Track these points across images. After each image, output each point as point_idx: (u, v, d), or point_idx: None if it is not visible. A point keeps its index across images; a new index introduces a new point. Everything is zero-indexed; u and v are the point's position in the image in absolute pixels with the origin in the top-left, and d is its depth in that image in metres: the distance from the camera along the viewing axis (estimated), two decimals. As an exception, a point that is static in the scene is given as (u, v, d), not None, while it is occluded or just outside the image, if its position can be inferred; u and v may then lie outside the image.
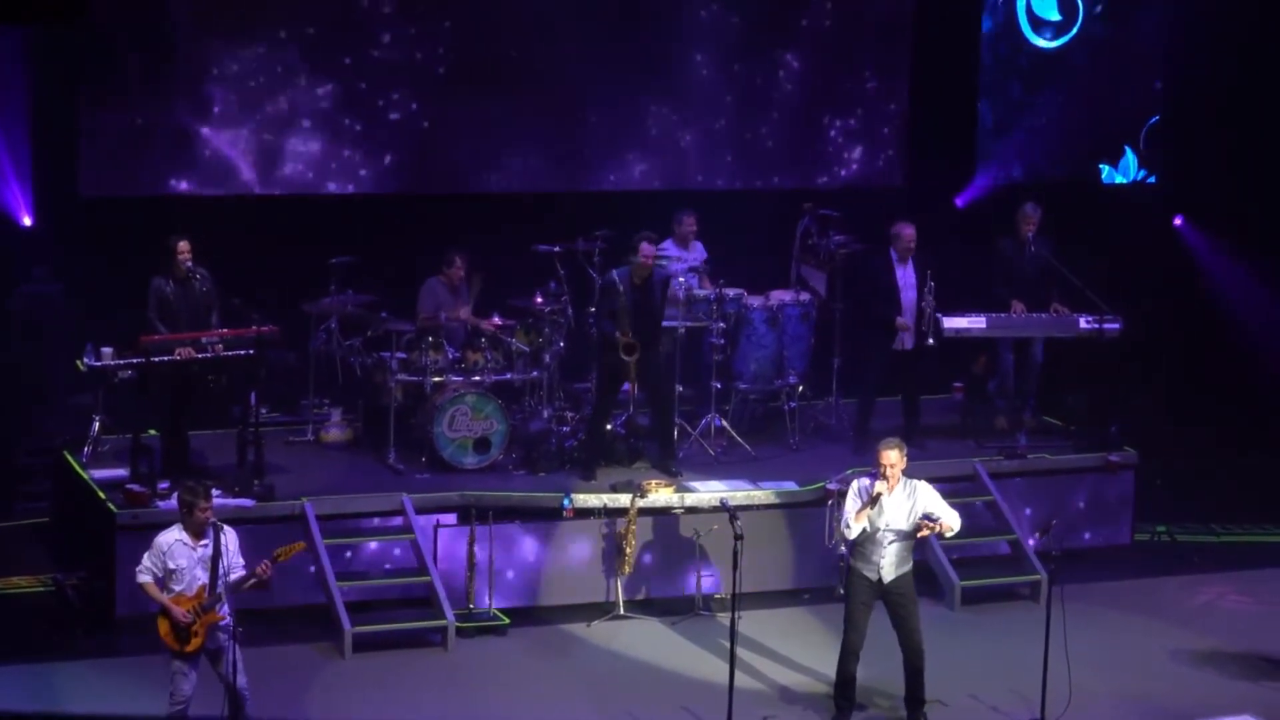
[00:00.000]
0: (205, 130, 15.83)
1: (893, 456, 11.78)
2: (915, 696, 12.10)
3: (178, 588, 10.95)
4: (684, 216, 16.08)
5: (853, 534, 11.83)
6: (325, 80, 16.12)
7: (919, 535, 11.97)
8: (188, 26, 15.61)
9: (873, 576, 11.91)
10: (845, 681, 12.12)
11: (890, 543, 11.85)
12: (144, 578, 11.03)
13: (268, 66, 15.93)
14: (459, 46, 16.44)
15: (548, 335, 15.13)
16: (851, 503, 11.87)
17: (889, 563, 11.90)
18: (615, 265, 14.86)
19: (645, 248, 14.58)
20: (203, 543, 10.99)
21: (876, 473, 11.85)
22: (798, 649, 13.38)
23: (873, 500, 11.73)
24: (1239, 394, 17.62)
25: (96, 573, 13.71)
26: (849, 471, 14.13)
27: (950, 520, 11.95)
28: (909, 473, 11.96)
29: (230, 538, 11.10)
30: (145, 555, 11.10)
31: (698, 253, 16.07)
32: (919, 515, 11.85)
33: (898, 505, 11.84)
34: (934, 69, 17.79)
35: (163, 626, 11.01)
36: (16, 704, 12.06)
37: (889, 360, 15.53)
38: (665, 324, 15.10)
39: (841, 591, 12.91)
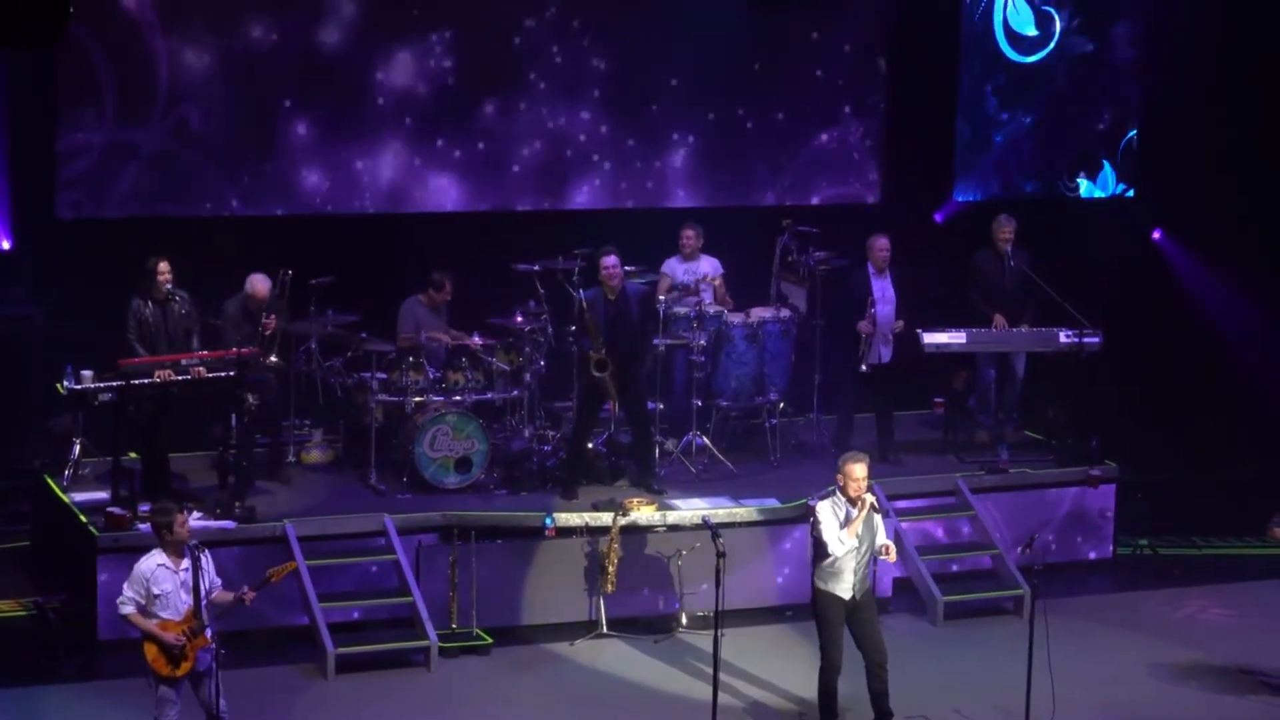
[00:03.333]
0: (184, 151, 15.83)
1: (864, 470, 11.87)
2: (883, 710, 12.11)
3: (164, 613, 10.85)
4: (685, 229, 16.06)
5: (845, 548, 11.83)
6: (303, 102, 16.14)
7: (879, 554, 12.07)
8: (164, 48, 15.61)
9: (845, 595, 11.93)
10: (830, 698, 12.13)
11: (860, 558, 11.92)
12: (127, 608, 10.94)
13: (245, 88, 15.94)
14: (439, 69, 16.47)
15: (528, 354, 15.17)
16: (831, 521, 11.87)
17: (860, 578, 11.96)
18: (592, 284, 14.91)
19: (606, 260, 14.62)
20: (184, 565, 10.94)
21: (839, 487, 11.89)
22: (780, 666, 13.40)
23: (874, 508, 11.82)
24: (1220, 406, 17.69)
25: (78, 596, 13.67)
26: (831, 488, 14.13)
27: (891, 542, 12.10)
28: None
29: (207, 558, 11.08)
30: (125, 586, 11.00)
31: (706, 267, 16.00)
32: (877, 529, 11.97)
33: (865, 520, 11.91)
34: (912, 85, 17.86)
35: (150, 652, 10.91)
36: (-2, 728, 12.11)
37: (863, 375, 15.59)
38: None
39: None
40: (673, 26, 17.02)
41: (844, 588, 11.91)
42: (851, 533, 11.77)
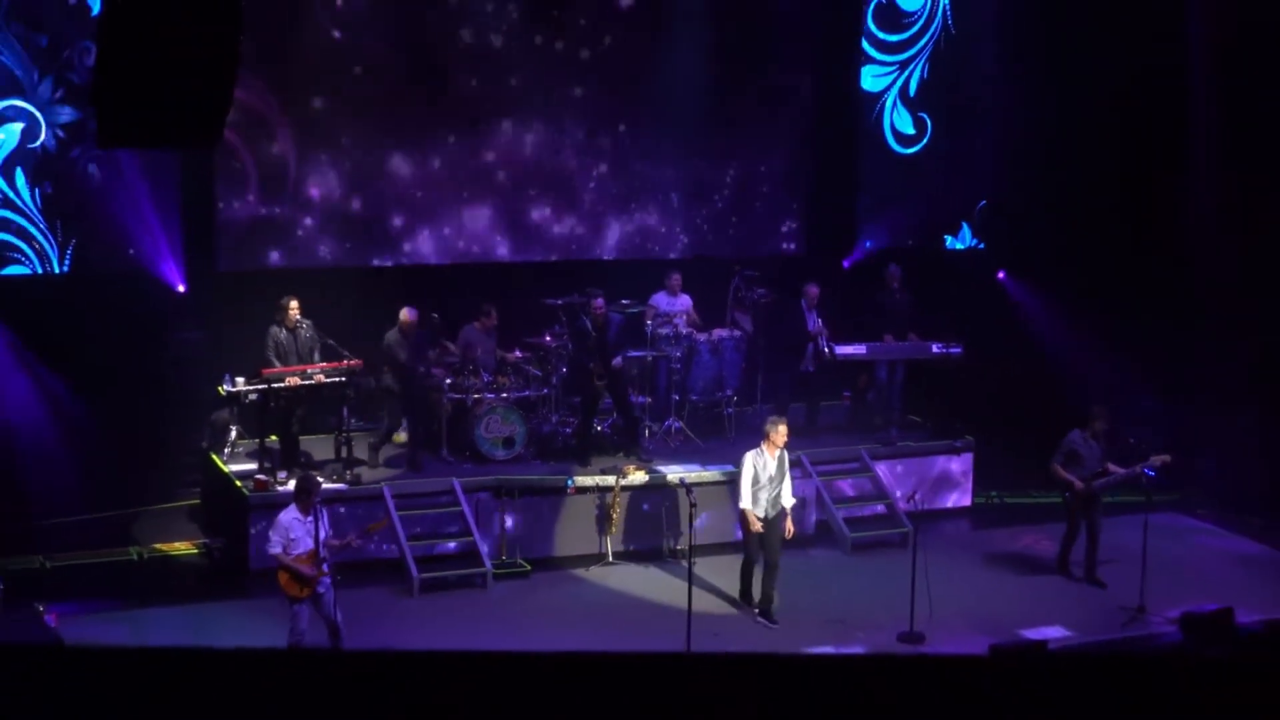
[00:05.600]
0: (307, 220, 15.79)
1: (785, 429, 12.50)
2: (768, 595, 12.65)
3: (295, 551, 11.02)
4: (672, 274, 16.12)
5: (745, 499, 12.52)
6: (393, 184, 16.08)
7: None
8: (289, 141, 15.56)
9: (760, 514, 12.50)
10: (748, 577, 12.83)
11: (771, 490, 12.49)
12: (275, 549, 11.05)
13: (352, 172, 15.86)
14: (476, 163, 16.45)
15: (554, 364, 15.20)
16: (749, 470, 12.50)
17: (770, 504, 12.52)
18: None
19: (596, 302, 14.74)
20: (309, 518, 11.05)
21: (766, 440, 12.46)
22: (735, 584, 13.39)
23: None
24: (1046, 395, 17.66)
25: (234, 539, 13.78)
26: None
27: (788, 499, 12.67)
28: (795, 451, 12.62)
29: (324, 513, 11.19)
30: (271, 534, 11.09)
31: (684, 302, 16.09)
32: (785, 472, 12.57)
33: (780, 464, 12.46)
34: (826, 168, 17.86)
35: (282, 578, 11.03)
36: (176, 637, 12.09)
37: (799, 378, 15.73)
38: (634, 354, 15.23)
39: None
40: (663, 128, 16.94)
41: (760, 509, 12.51)
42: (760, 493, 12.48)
